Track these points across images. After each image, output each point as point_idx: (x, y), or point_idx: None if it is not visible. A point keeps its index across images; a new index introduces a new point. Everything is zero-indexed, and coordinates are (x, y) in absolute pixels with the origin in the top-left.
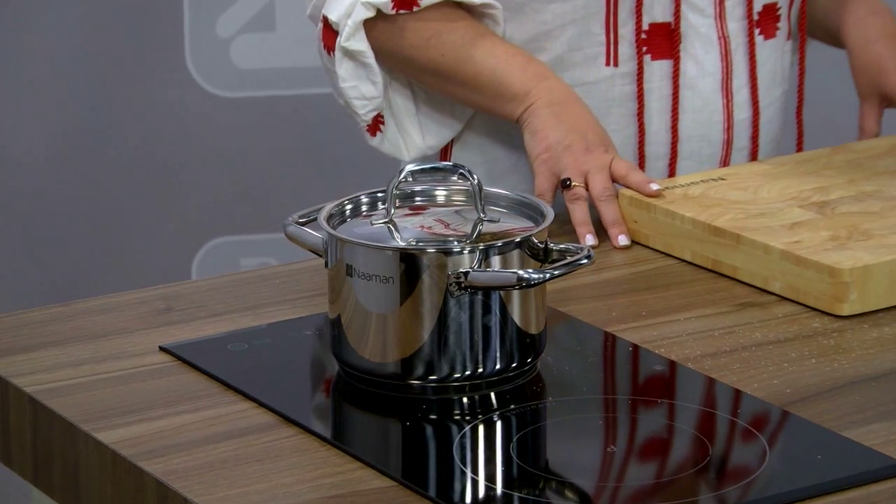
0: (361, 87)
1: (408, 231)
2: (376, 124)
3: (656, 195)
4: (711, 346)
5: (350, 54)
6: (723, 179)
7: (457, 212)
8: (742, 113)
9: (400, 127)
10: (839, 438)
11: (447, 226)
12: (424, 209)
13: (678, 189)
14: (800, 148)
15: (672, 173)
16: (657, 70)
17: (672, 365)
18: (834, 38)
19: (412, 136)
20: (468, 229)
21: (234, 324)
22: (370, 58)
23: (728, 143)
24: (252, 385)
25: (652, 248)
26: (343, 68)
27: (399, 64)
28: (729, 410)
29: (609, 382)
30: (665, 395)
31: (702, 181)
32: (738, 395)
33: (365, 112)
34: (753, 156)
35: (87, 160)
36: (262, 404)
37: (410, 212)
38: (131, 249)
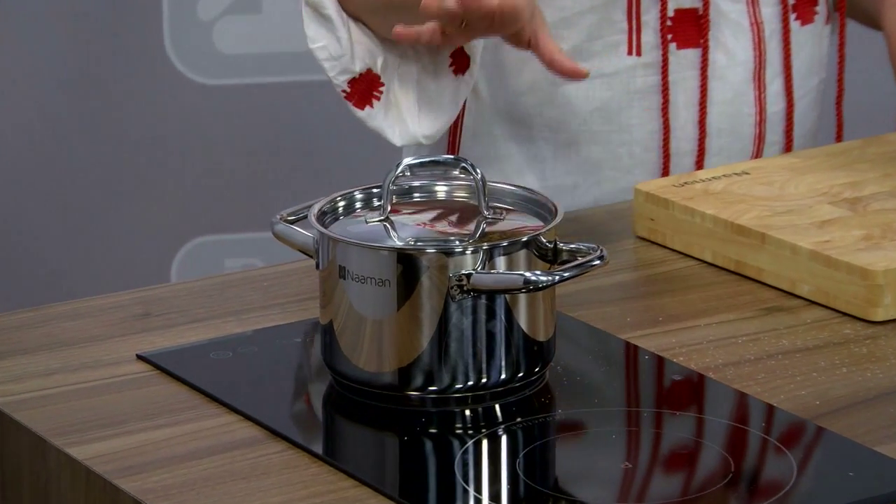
0: (329, 46)
1: (406, 230)
2: (367, 95)
3: (582, 75)
4: (734, 354)
5: (313, 6)
6: (747, 174)
7: (459, 209)
8: (775, 105)
9: (393, 104)
10: (872, 454)
11: (448, 224)
12: (424, 206)
13: (698, 184)
14: (839, 142)
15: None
16: (683, 60)
17: (692, 375)
18: (874, 22)
19: (405, 118)
20: (471, 228)
21: (217, 330)
22: (330, 8)
23: (760, 138)
24: (237, 396)
25: (670, 248)
26: (311, 27)
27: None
28: (753, 424)
29: (623, 393)
30: (684, 407)
31: (724, 175)
32: (763, 407)
33: (335, 74)
34: (787, 151)
35: (59, 154)
36: (247, 417)
37: (408, 209)
38: (106, 250)
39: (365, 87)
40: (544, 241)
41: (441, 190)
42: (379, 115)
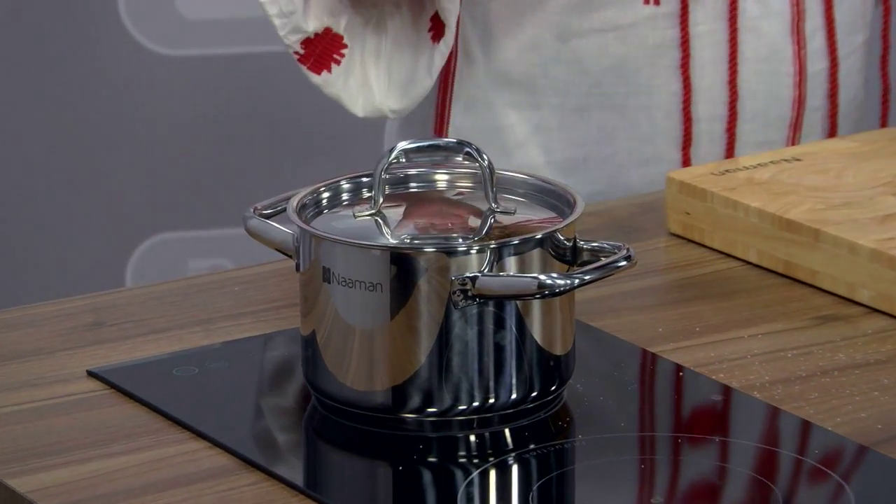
0: (280, 0)
1: (400, 225)
2: (325, 57)
3: None
4: (783, 370)
5: None
6: (797, 160)
7: (462, 201)
8: (816, 63)
9: (358, 69)
10: None
11: (450, 219)
12: (421, 198)
13: (741, 172)
14: (886, 109)
15: (731, 140)
16: (709, 8)
17: (732, 394)
18: None
19: (371, 88)
20: (476, 223)
21: (180, 342)
22: None
23: (800, 102)
24: (204, 419)
25: (708, 247)
26: None
27: None
28: (803, 451)
29: (653, 416)
30: (723, 432)
31: (771, 162)
32: (815, 431)
33: (286, 34)
34: (832, 118)
35: None
36: (216, 443)
37: (404, 202)
38: (52, 249)
39: (322, 49)
40: (562, 238)
41: (441, 179)
42: (338, 82)
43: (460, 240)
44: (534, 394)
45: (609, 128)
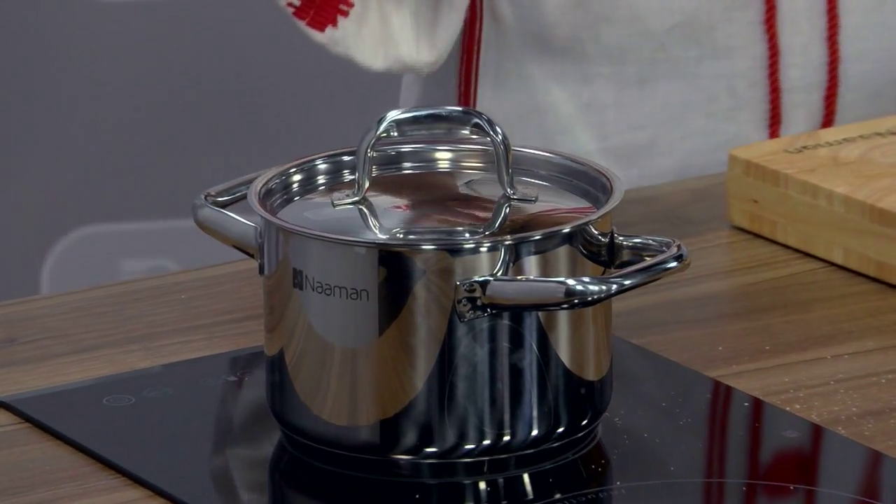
0: None
1: (391, 216)
2: (331, 8)
3: None
4: (876, 399)
5: None
6: (893, 134)
7: (469, 186)
8: None
9: (372, 16)
10: None
11: (454, 208)
12: (418, 182)
13: (823, 149)
14: None
15: (830, 114)
16: None
17: (813, 430)
18: None
19: (394, 34)
20: (487, 214)
21: (112, 364)
22: None
23: None
24: (143, 462)
25: (781, 244)
26: None
27: None
28: None
29: (713, 458)
30: (801, 477)
31: (861, 137)
32: None
33: None
34: None
35: None
36: (158, 492)
37: (395, 186)
38: None
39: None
40: (596, 232)
41: (443, 158)
42: (348, 37)
43: (467, 234)
44: (560, 429)
45: (678, 103)
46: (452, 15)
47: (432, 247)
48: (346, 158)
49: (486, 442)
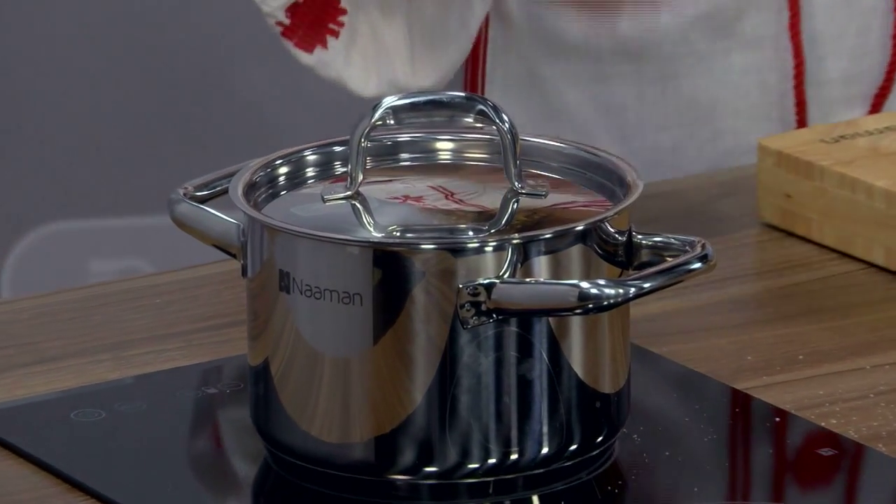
0: None
1: (387, 213)
2: (319, 28)
3: None
4: None
5: None
6: None
7: (473, 179)
8: None
9: (365, 36)
10: None
11: (457, 204)
12: (417, 174)
13: (862, 138)
14: None
15: (877, 106)
16: None
17: (852, 448)
18: None
19: (387, 51)
20: (493, 210)
21: (80, 376)
22: None
23: None
24: (114, 482)
25: (816, 243)
26: None
27: None
28: None
29: (740, 479)
30: (838, 501)
31: None
32: None
33: None
34: None
35: None
36: None
37: (391, 180)
38: None
39: (314, 17)
40: (612, 230)
41: (445, 148)
42: (338, 59)
43: (470, 232)
44: (573, 447)
45: (705, 102)
46: (462, 36)
47: (432, 246)
48: (337, 149)
49: (492, 461)
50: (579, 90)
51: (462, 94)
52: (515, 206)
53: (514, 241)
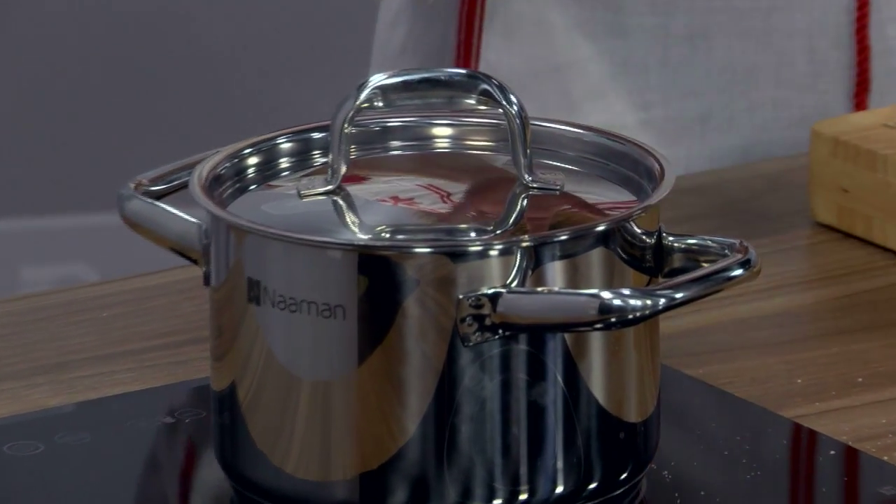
0: None
1: (374, 211)
2: None
3: None
4: None
5: None
6: None
7: (476, 171)
8: None
9: None
10: None
11: (455, 200)
12: (408, 166)
13: None
14: None
15: None
16: None
17: None
18: None
19: None
20: (499, 208)
21: (14, 402)
22: None
23: None
24: None
25: (879, 246)
26: None
27: None
28: None
29: None
30: None
31: None
32: None
33: None
34: None
35: None
36: None
37: (379, 172)
38: None
39: None
40: (639, 231)
41: (443, 135)
42: None
43: (472, 233)
44: (592, 485)
45: (743, 66)
46: None
47: (427, 249)
48: (316, 136)
49: (497, 501)
50: (593, 43)
51: (462, 70)
52: (525, 202)
53: (524, 244)
